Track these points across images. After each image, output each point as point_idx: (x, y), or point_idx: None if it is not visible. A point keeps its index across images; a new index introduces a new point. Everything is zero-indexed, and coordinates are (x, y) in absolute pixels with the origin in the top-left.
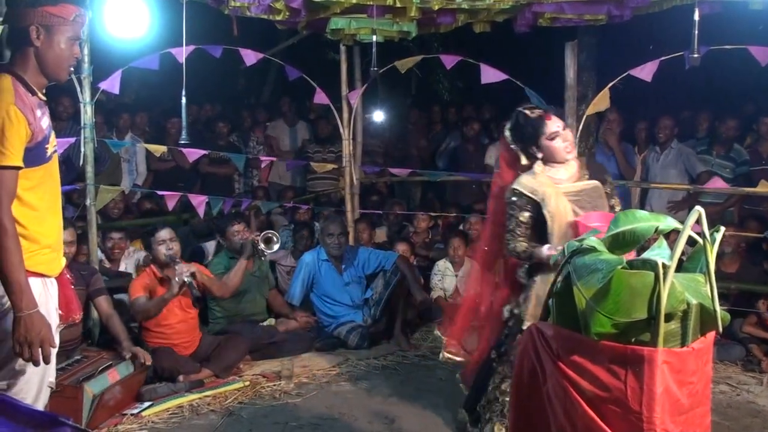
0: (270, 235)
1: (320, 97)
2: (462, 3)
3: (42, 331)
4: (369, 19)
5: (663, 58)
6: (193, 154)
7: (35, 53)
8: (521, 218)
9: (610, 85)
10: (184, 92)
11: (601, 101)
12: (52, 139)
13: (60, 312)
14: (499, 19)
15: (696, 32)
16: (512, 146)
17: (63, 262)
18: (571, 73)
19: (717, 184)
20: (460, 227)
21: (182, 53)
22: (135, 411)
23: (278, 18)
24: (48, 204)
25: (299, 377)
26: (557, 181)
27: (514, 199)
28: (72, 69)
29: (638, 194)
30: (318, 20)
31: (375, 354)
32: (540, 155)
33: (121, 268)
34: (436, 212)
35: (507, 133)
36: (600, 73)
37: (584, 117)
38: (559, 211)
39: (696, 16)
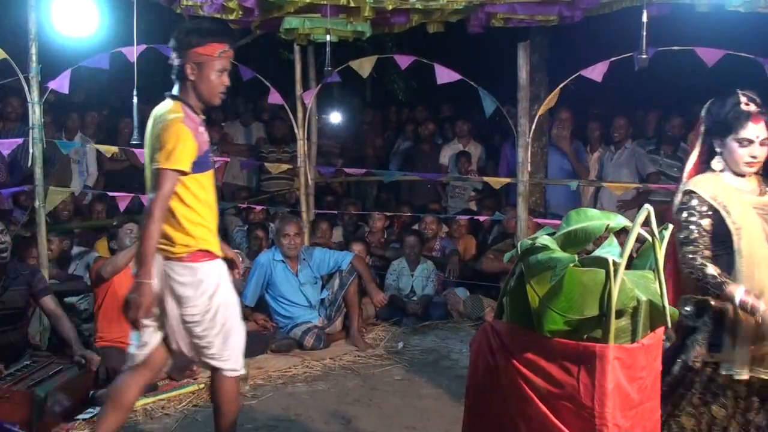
0: None
1: (274, 97)
2: (416, 3)
3: (146, 300)
4: (323, 18)
5: (613, 58)
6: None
7: (192, 85)
8: (705, 225)
9: (562, 85)
10: (135, 92)
11: (551, 100)
12: (211, 153)
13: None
14: (453, 19)
15: (644, 33)
16: (701, 128)
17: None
18: (523, 74)
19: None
20: (416, 227)
21: (133, 52)
22: (87, 416)
23: (231, 17)
24: (210, 205)
25: (255, 379)
26: (738, 190)
27: (694, 203)
28: (223, 94)
29: (591, 193)
30: (271, 20)
31: (331, 354)
32: (719, 150)
33: (70, 270)
34: (391, 212)
35: (703, 112)
36: (552, 74)
37: (537, 117)
38: (747, 225)
39: (644, 18)
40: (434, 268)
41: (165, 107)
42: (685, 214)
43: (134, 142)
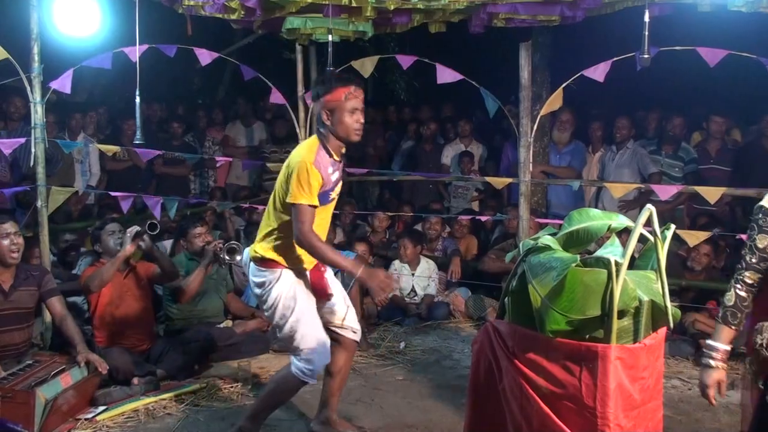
0: (234, 245)
1: (276, 97)
2: (417, 3)
3: (378, 279)
4: (325, 18)
5: (615, 58)
6: (148, 154)
7: (329, 129)
8: (758, 243)
9: (564, 85)
10: (138, 92)
11: (554, 101)
12: (337, 188)
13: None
14: (455, 19)
15: (646, 33)
16: None
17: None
18: (525, 74)
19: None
20: (419, 227)
21: (135, 52)
22: (89, 416)
23: (233, 17)
24: (321, 231)
25: (257, 379)
26: None
27: (758, 216)
28: (361, 132)
29: (592, 193)
30: (273, 19)
31: None
32: None
33: (75, 270)
34: (393, 212)
35: None
36: (554, 74)
37: (539, 117)
38: None
39: (646, 18)
40: (436, 268)
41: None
42: (749, 230)
43: (137, 142)
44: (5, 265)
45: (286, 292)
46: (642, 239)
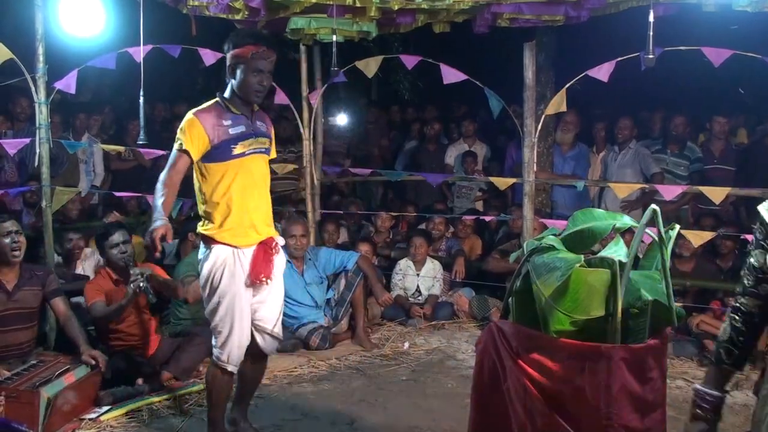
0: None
1: (280, 98)
2: (422, 3)
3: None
4: (329, 18)
5: (619, 58)
6: (153, 154)
7: (231, 84)
8: (753, 261)
9: (568, 85)
10: (141, 92)
11: (559, 102)
12: (248, 143)
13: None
14: (459, 19)
15: (651, 33)
16: None
17: (257, 237)
18: (529, 74)
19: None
20: (422, 226)
21: (140, 53)
22: (93, 415)
23: (237, 17)
24: (239, 193)
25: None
26: None
27: (755, 227)
28: (261, 94)
29: (595, 193)
30: (277, 20)
31: (337, 354)
32: None
33: (78, 270)
34: (397, 212)
35: None
36: (558, 74)
37: (543, 117)
38: None
39: (651, 18)
40: (440, 268)
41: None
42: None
43: (141, 142)
44: (8, 264)
45: (215, 269)
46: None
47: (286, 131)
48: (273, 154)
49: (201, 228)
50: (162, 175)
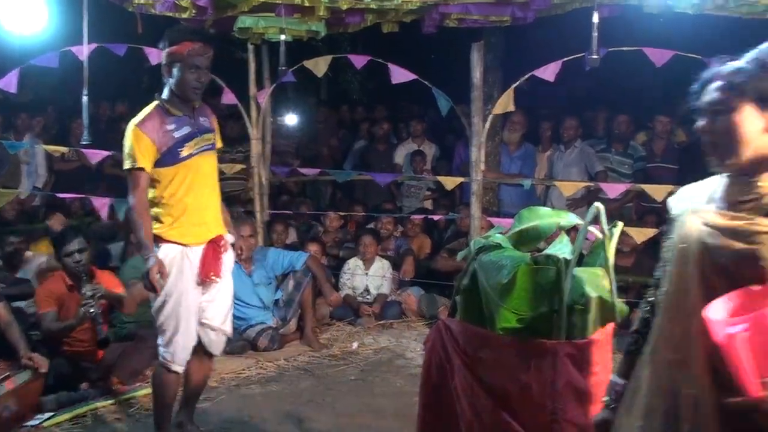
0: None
1: (228, 97)
2: (370, 3)
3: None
4: (277, 18)
5: (565, 59)
6: (97, 155)
7: (169, 83)
8: (664, 253)
9: (515, 85)
10: (85, 91)
11: (506, 102)
12: (193, 143)
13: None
14: (407, 19)
15: (595, 34)
16: None
17: (207, 235)
18: (477, 74)
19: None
20: (371, 226)
21: (84, 51)
22: (35, 422)
23: (184, 16)
24: (187, 193)
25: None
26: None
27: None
28: (199, 91)
29: (541, 192)
30: (225, 18)
31: (285, 355)
32: None
33: (19, 274)
34: (346, 211)
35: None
36: (506, 74)
37: (490, 117)
38: (679, 256)
39: (595, 19)
40: (389, 267)
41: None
42: None
43: (85, 142)
44: None
45: (168, 267)
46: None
47: (234, 131)
48: (219, 143)
49: (154, 228)
50: (131, 201)
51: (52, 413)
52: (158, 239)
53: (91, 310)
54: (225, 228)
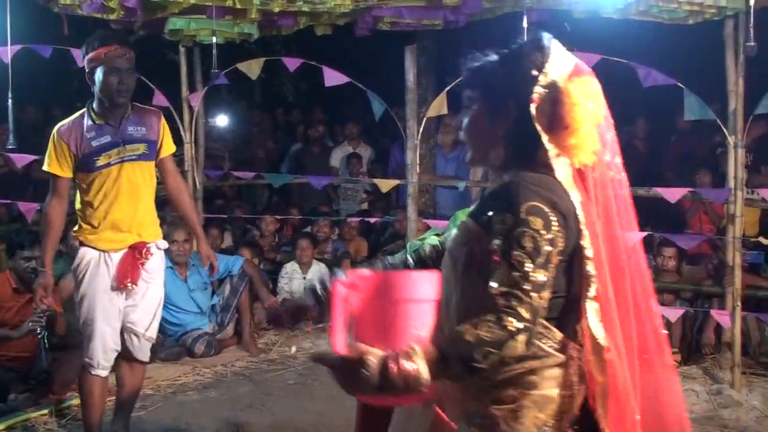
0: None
1: (159, 100)
2: (302, 6)
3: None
4: (208, 20)
5: None
6: (23, 159)
7: (94, 90)
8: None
9: (448, 88)
10: (10, 94)
11: (439, 105)
12: (115, 152)
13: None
14: (340, 22)
15: (525, 38)
16: None
17: (124, 242)
18: (411, 77)
19: None
20: (308, 229)
21: (8, 53)
22: None
23: (112, 17)
24: (104, 201)
25: (143, 389)
26: None
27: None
28: (125, 94)
29: (477, 194)
30: (155, 20)
31: (223, 361)
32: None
33: None
34: (282, 215)
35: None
36: (439, 77)
37: (424, 119)
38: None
39: (524, 23)
40: (327, 271)
41: None
42: None
43: (11, 147)
44: None
45: (80, 271)
46: None
47: None
48: (168, 149)
49: (73, 231)
50: (45, 205)
51: None
52: (79, 242)
53: (39, 331)
54: (154, 236)
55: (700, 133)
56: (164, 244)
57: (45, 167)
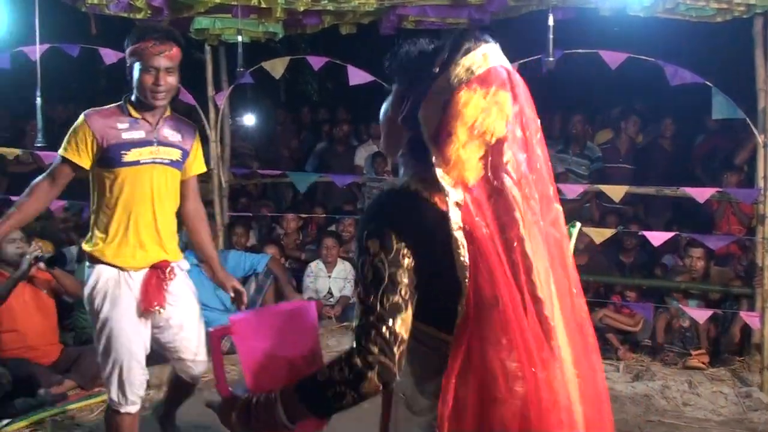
0: (53, 256)
1: (186, 99)
2: (327, 5)
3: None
4: (234, 19)
5: (521, 60)
6: (51, 156)
7: (132, 84)
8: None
9: None
10: (39, 92)
11: None
12: (146, 150)
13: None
14: (365, 21)
15: (551, 37)
16: None
17: (145, 259)
18: None
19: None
20: (333, 228)
21: (36, 52)
22: None
23: (139, 17)
24: (126, 204)
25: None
26: None
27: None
28: (161, 95)
29: None
30: (181, 19)
31: None
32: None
33: None
34: (306, 213)
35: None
36: None
37: None
38: None
39: (550, 22)
40: (352, 269)
41: None
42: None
43: (39, 144)
44: None
45: (96, 293)
46: None
47: None
48: (199, 168)
49: (84, 243)
50: (29, 189)
51: (8, 420)
52: (91, 258)
53: (36, 254)
54: (177, 255)
55: (727, 133)
56: (186, 265)
57: (60, 152)
